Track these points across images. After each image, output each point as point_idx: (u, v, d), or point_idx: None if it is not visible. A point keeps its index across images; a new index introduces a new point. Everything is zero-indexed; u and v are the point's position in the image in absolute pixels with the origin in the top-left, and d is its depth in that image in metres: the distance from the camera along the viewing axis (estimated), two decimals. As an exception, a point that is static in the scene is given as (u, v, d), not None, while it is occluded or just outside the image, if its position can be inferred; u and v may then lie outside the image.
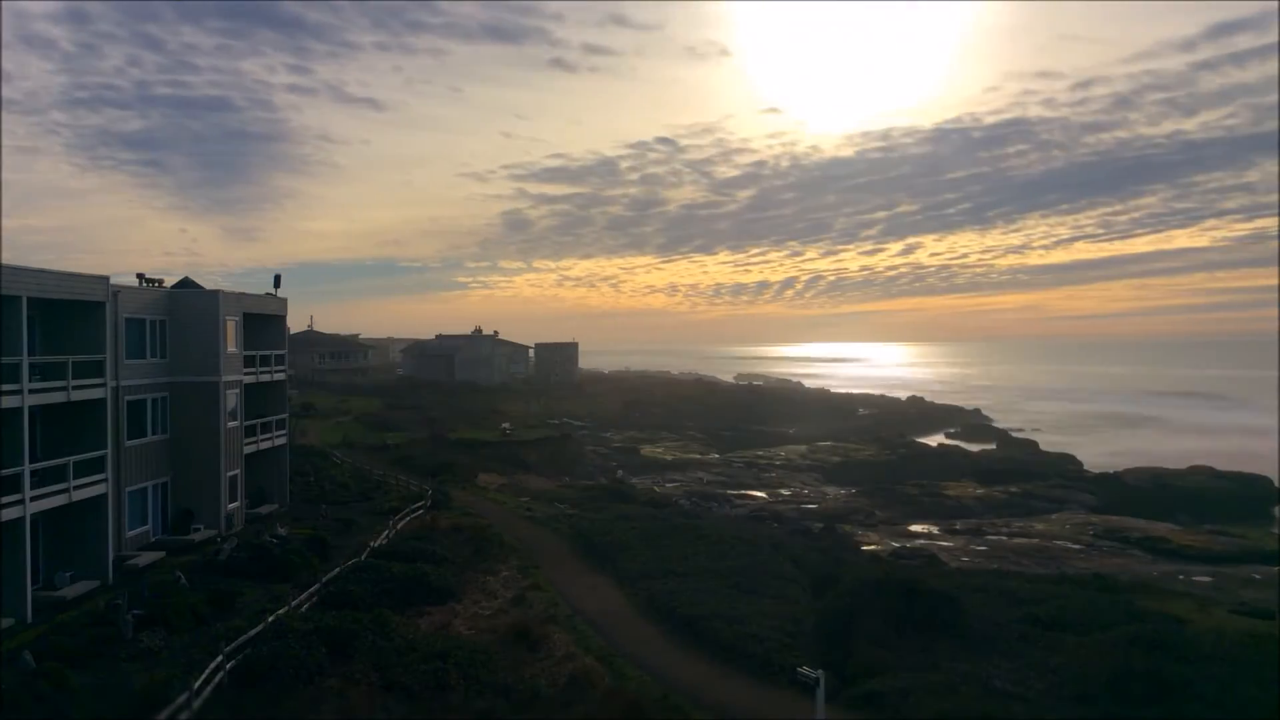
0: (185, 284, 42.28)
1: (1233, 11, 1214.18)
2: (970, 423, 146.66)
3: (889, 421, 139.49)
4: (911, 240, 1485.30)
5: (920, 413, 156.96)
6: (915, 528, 64.36)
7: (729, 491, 77.08)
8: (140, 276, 39.62)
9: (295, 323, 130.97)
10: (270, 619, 24.71)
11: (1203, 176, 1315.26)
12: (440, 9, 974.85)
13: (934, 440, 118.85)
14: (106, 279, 31.81)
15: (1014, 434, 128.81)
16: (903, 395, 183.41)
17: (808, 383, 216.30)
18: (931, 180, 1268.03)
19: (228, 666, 21.31)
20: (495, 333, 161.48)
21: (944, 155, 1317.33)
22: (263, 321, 45.13)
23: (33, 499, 27.15)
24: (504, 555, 36.96)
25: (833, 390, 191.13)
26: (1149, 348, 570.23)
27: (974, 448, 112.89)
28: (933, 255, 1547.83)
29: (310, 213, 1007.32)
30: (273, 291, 46.80)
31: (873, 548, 54.69)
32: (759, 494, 77.25)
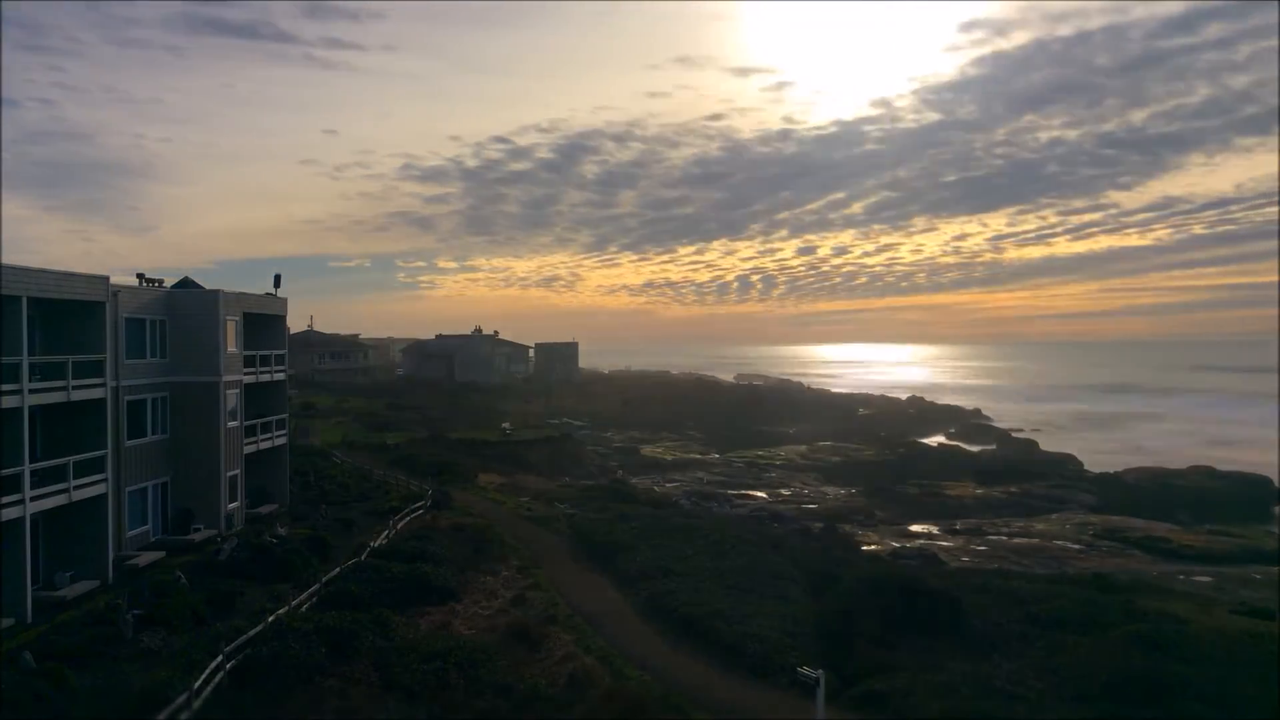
0: (185, 284, 42.31)
1: (968, 11, 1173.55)
2: (970, 423, 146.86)
3: (889, 422, 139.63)
4: (837, 241, 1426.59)
5: (920, 413, 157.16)
6: (915, 528, 64.30)
7: (729, 491, 76.96)
8: (140, 276, 39.68)
9: (295, 323, 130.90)
10: (270, 619, 24.75)
11: (1072, 177, 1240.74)
12: (137, 6, 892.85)
13: (934, 440, 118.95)
14: (106, 279, 31.84)
15: (1014, 434, 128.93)
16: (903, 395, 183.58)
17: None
18: (812, 180, 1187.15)
19: (228, 666, 21.33)
20: (495, 332, 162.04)
21: (794, 157, 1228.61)
22: (263, 321, 45.14)
23: (33, 499, 27.18)
24: (504, 555, 36.97)
25: (833, 390, 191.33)
26: (1149, 347, 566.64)
27: (974, 448, 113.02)
28: (865, 254, 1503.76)
29: (194, 213, 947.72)
30: (273, 291, 46.84)
31: (873, 548, 54.62)
32: (759, 494, 77.17)
